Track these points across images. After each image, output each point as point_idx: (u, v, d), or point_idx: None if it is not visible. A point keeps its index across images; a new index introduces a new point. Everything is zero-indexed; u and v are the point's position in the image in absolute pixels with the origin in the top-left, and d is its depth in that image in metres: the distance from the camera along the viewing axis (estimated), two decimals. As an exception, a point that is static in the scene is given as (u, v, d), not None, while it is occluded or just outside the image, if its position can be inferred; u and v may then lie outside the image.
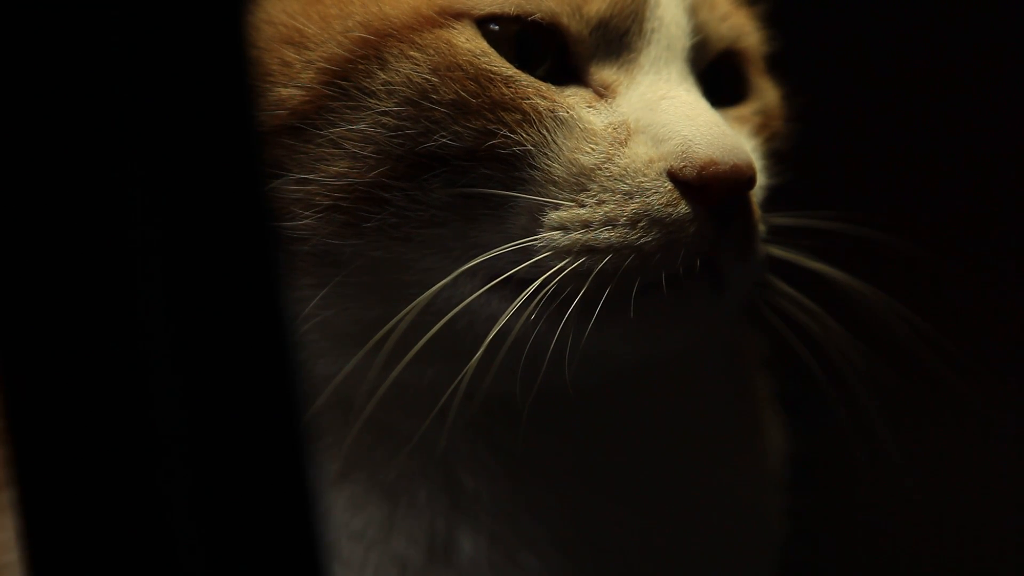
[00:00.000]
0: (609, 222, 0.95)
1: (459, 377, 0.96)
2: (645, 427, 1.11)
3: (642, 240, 0.95)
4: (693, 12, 1.06)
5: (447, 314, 0.96)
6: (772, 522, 1.20)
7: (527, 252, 0.96)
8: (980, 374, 1.26)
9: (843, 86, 1.40)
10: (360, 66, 0.96)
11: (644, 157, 0.97)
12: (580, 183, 0.96)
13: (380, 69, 0.96)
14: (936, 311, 1.10)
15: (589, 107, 0.99)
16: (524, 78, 0.98)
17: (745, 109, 1.12)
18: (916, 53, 1.46)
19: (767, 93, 1.16)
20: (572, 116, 0.98)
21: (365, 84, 0.96)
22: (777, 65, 1.18)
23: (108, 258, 0.64)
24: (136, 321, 0.65)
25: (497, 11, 0.98)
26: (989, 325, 1.48)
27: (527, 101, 0.97)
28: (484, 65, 0.96)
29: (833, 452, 1.19)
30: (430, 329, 0.95)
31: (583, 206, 0.96)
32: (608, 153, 0.97)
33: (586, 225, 0.95)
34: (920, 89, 1.47)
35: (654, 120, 0.98)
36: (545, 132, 0.97)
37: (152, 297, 0.65)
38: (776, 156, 1.13)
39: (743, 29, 1.13)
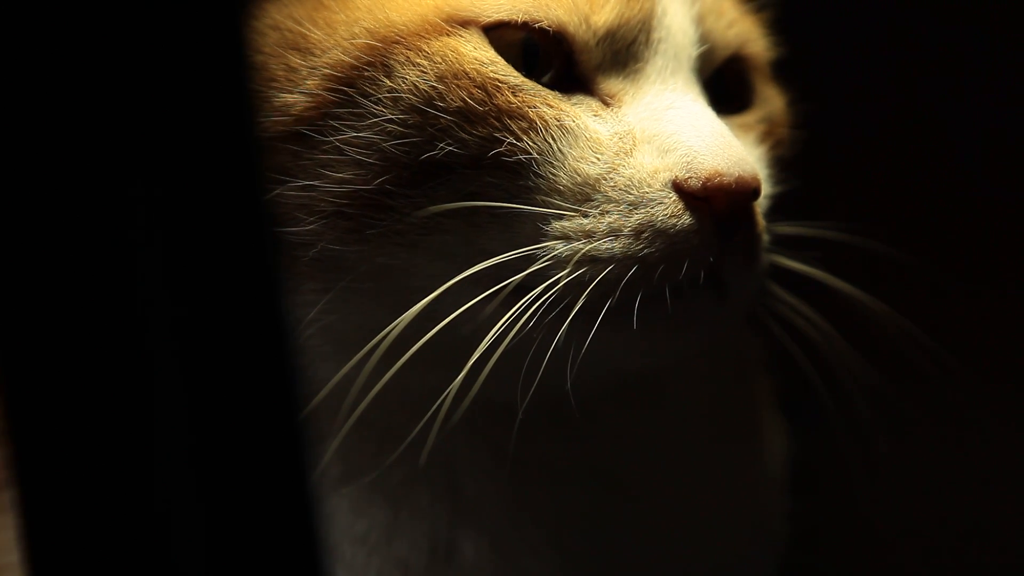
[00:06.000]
0: (612, 233, 0.96)
1: (454, 382, 0.96)
2: (646, 431, 1.11)
3: (645, 251, 0.95)
4: (700, 21, 1.06)
5: (448, 320, 0.96)
6: (773, 525, 1.20)
7: (530, 260, 0.96)
8: (976, 381, 1.26)
9: (849, 93, 1.40)
10: (366, 73, 0.96)
11: (649, 167, 0.97)
12: (584, 193, 0.97)
13: (386, 76, 0.96)
14: (935, 321, 1.10)
15: (595, 116, 0.99)
16: (531, 86, 0.98)
17: (750, 117, 1.12)
18: (923, 60, 1.46)
19: (772, 100, 1.15)
20: (578, 125, 0.98)
21: (370, 91, 0.96)
22: (783, 72, 1.18)
23: (109, 260, 0.65)
24: (137, 323, 0.65)
25: (505, 18, 0.98)
26: (987, 334, 1.47)
27: (533, 109, 0.97)
28: (491, 73, 0.96)
29: (833, 456, 1.19)
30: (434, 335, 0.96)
31: (587, 216, 0.96)
32: (613, 163, 0.97)
33: (589, 235, 0.96)
34: (926, 97, 1.47)
35: (660, 130, 0.98)
36: (551, 141, 0.97)
37: (153, 301, 0.65)
38: (781, 163, 1.13)
39: (749, 35, 1.13)
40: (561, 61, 1.00)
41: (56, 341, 0.65)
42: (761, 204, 1.03)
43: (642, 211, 0.96)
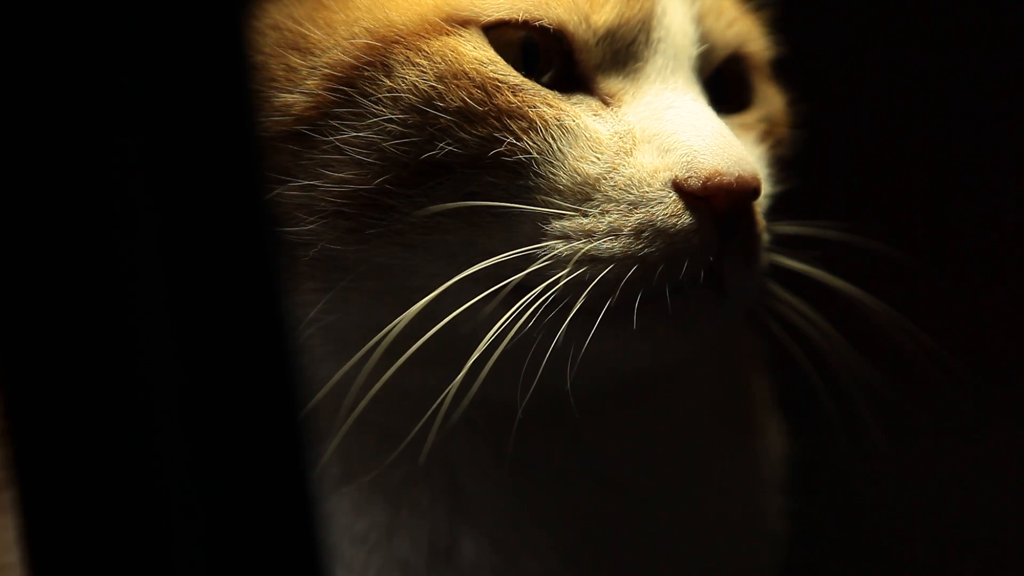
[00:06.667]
0: (613, 232, 0.96)
1: (453, 381, 0.96)
2: (645, 431, 1.11)
3: (645, 251, 0.95)
4: (700, 20, 1.06)
5: (447, 319, 0.96)
6: (773, 525, 1.20)
7: (530, 259, 0.96)
8: (976, 381, 1.26)
9: (849, 93, 1.40)
10: (366, 73, 0.96)
11: (649, 167, 0.97)
12: (584, 192, 0.97)
13: (386, 76, 0.96)
14: (935, 321, 1.10)
15: (595, 116, 0.99)
16: (531, 86, 0.98)
17: (750, 116, 1.12)
18: (923, 60, 1.46)
19: (772, 100, 1.15)
20: (578, 124, 0.98)
21: (370, 91, 0.96)
22: (783, 71, 1.18)
23: (109, 260, 0.65)
24: (136, 323, 0.65)
25: (505, 17, 0.98)
26: (987, 334, 1.48)
27: (533, 109, 0.97)
28: (491, 73, 0.97)
29: (833, 456, 1.19)
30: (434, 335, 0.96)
31: (587, 216, 0.96)
32: (613, 163, 0.97)
33: (589, 235, 0.96)
34: (926, 97, 1.47)
35: (660, 130, 0.98)
36: (551, 140, 0.97)
37: (153, 301, 0.65)
38: (781, 163, 1.13)
39: (749, 35, 1.13)
40: (561, 60, 1.00)
41: (56, 341, 0.65)
42: (761, 204, 1.03)
43: (642, 210, 0.96)
